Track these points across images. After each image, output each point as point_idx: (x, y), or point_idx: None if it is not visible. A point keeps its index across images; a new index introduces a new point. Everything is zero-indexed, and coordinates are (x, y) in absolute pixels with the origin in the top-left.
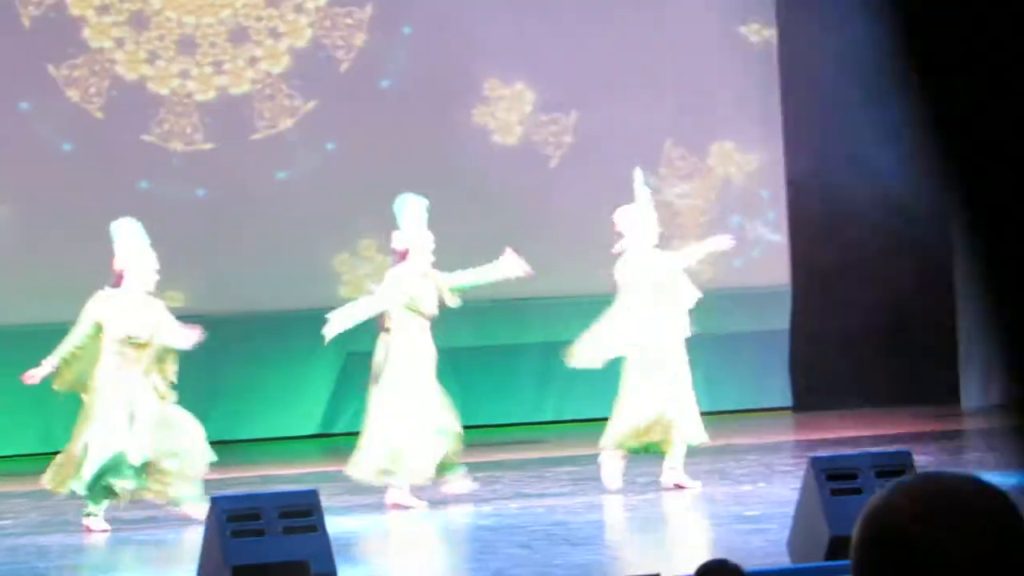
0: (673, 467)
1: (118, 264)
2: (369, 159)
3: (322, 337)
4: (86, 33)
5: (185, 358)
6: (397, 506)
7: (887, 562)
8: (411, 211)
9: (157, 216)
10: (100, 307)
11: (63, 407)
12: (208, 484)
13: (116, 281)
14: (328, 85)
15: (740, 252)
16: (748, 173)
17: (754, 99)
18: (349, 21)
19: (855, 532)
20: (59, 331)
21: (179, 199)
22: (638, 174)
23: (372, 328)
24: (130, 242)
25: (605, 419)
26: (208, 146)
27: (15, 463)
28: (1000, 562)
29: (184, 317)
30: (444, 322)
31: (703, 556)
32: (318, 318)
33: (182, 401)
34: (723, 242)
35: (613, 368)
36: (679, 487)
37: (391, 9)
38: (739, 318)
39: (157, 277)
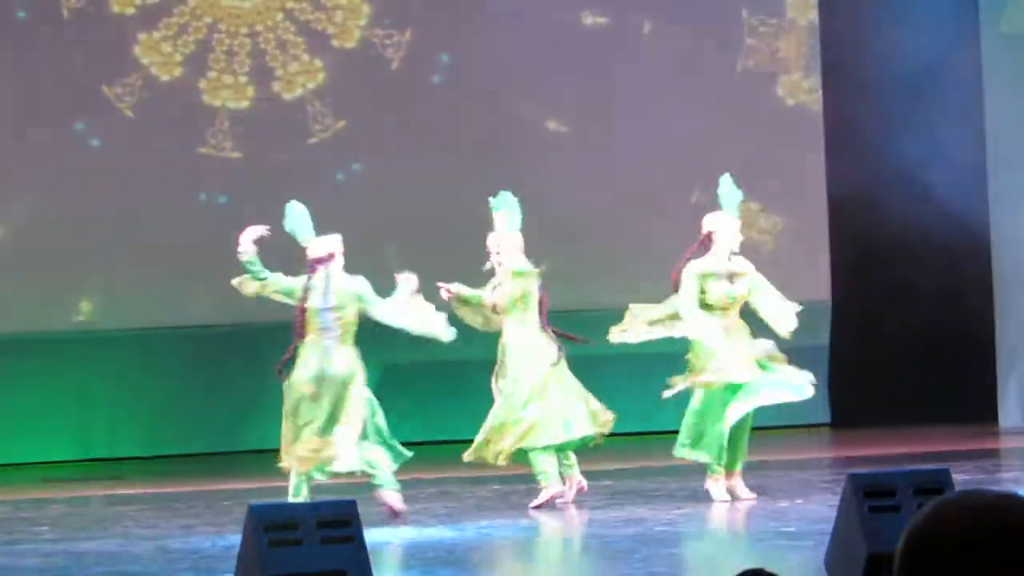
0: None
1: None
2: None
3: None
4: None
5: (222, 366)
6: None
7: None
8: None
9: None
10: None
11: (100, 413)
12: (245, 493)
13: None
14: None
15: (780, 266)
16: (792, 185)
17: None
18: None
19: (898, 547)
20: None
21: (197, 202)
22: (726, 179)
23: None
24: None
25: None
26: (235, 154)
27: (52, 469)
28: None
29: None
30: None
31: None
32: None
33: (222, 410)
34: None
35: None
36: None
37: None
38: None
39: None
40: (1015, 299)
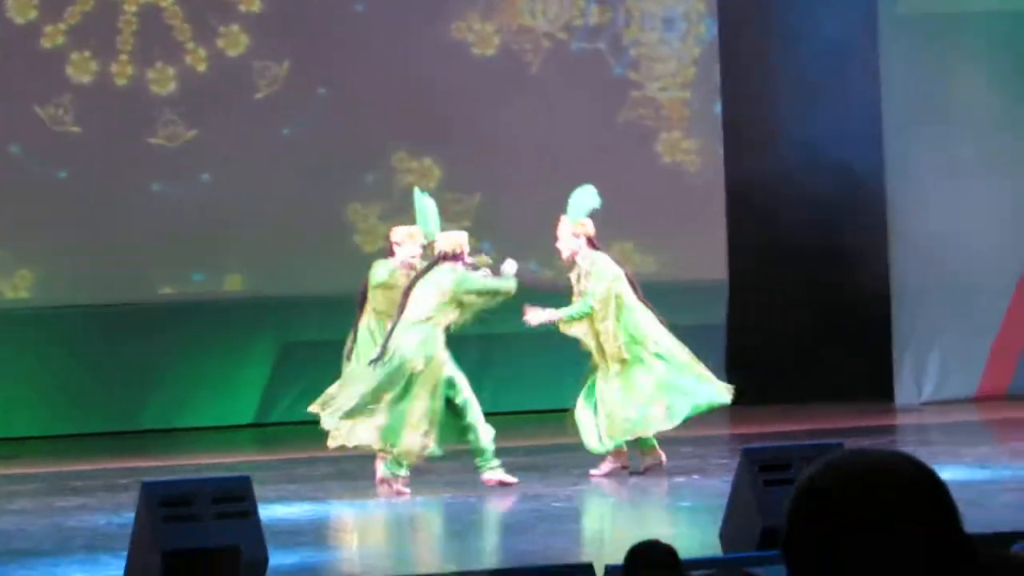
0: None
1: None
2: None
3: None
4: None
5: (123, 345)
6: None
7: (814, 530)
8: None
9: (115, 205)
10: None
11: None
12: (143, 471)
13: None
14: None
15: (678, 246)
16: (688, 170)
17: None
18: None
19: (786, 503)
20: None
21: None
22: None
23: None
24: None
25: (540, 411)
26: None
27: None
28: (926, 530)
29: (127, 305)
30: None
31: None
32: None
33: (121, 390)
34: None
35: (548, 360)
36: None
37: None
38: (676, 312)
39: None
40: (910, 277)
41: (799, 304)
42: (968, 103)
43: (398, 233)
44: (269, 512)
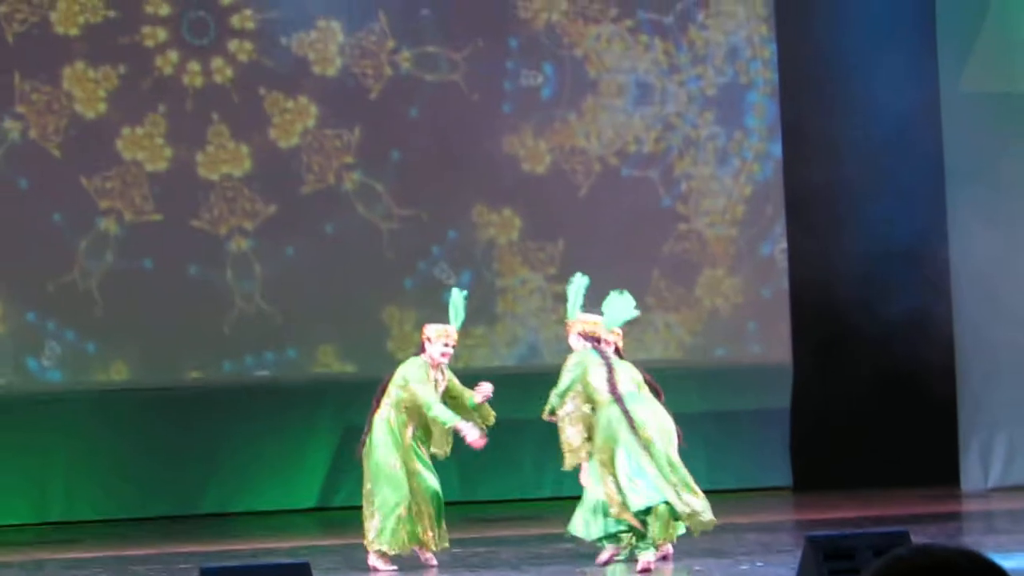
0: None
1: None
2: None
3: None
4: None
5: (184, 428)
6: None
7: None
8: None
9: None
10: None
11: (57, 475)
12: (202, 556)
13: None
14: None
15: (744, 329)
16: (753, 248)
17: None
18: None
19: None
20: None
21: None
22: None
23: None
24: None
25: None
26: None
27: (7, 533)
28: None
29: (187, 388)
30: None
31: None
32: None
33: (182, 473)
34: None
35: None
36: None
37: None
38: (741, 395)
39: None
40: (975, 361)
41: (863, 387)
42: None
43: (433, 330)
44: None
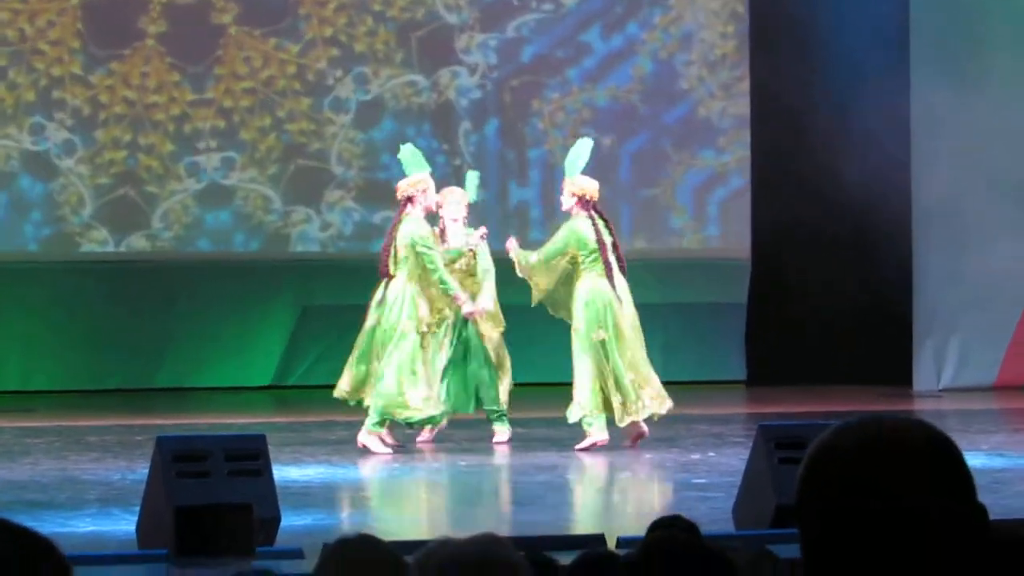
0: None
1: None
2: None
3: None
4: None
5: (139, 304)
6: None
7: (827, 497)
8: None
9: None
10: None
11: (13, 346)
12: (157, 429)
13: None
14: None
15: (704, 225)
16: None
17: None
18: None
19: (800, 467)
20: None
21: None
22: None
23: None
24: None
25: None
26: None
27: None
28: (939, 498)
29: (146, 260)
30: None
31: (648, 519)
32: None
33: (139, 348)
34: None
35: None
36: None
37: None
38: (698, 290)
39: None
40: (932, 265)
41: (821, 286)
42: (997, 80)
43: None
44: (283, 474)
